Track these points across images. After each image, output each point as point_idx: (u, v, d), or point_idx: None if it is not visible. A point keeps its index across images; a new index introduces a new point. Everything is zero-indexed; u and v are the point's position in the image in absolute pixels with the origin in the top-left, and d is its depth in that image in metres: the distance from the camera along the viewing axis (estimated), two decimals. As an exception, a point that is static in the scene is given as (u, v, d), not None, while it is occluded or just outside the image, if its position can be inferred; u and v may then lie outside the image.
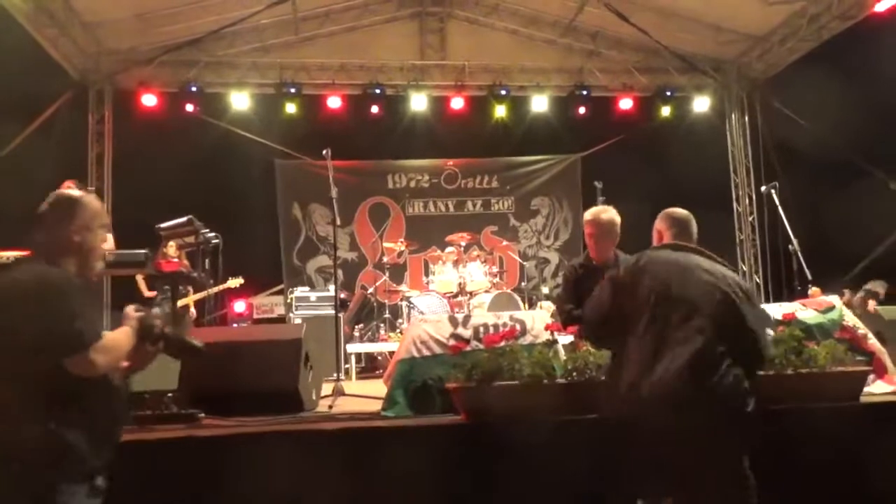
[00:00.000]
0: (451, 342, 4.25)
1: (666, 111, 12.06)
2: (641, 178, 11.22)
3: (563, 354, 4.04)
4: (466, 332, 4.35)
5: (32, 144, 9.38)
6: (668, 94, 12.01)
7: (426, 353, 4.28)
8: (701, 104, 12.32)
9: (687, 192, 11.06)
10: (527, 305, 9.74)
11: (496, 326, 4.36)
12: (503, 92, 11.64)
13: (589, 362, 3.84)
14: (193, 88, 11.00)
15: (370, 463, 3.64)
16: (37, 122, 9.56)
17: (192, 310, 8.89)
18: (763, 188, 6.85)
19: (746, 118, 12.37)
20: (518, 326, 4.31)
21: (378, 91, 11.43)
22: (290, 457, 3.58)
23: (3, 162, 8.91)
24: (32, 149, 9.28)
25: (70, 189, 6.34)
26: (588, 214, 5.12)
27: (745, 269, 12.18)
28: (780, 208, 6.47)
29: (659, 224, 3.69)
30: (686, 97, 12.32)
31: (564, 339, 4.30)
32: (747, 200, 12.35)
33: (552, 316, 5.04)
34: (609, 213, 5.06)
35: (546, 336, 4.23)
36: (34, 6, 8.99)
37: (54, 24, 9.52)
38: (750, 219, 12.27)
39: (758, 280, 12.07)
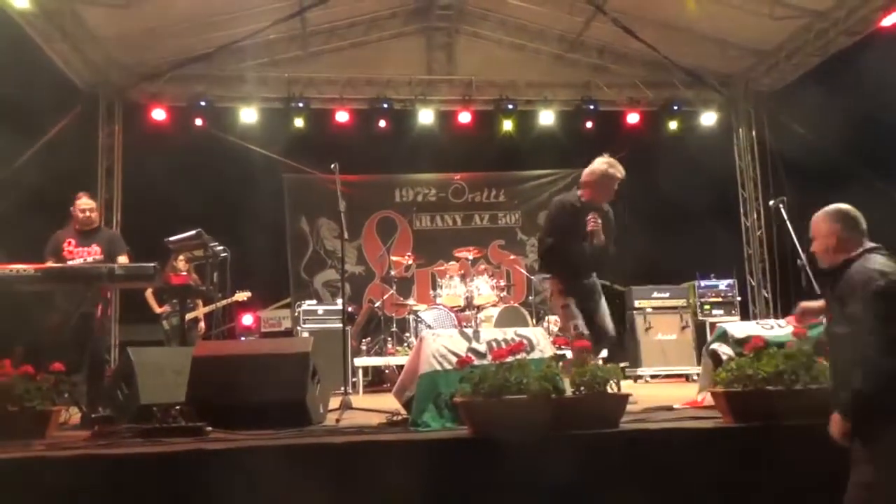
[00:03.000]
0: (467, 356, 4.26)
1: (673, 125, 12.08)
2: (649, 192, 11.24)
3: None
4: (482, 347, 4.38)
5: (43, 158, 9.44)
6: (675, 108, 12.03)
7: (448, 366, 4.31)
8: (708, 118, 12.34)
9: (694, 206, 11.09)
10: (534, 320, 9.74)
11: (505, 341, 4.38)
12: (510, 106, 11.69)
13: (597, 377, 3.84)
14: (202, 103, 11.08)
15: (377, 476, 3.64)
16: (47, 135, 9.63)
17: (202, 323, 8.92)
18: (771, 203, 6.83)
19: (754, 132, 12.37)
20: (525, 342, 4.32)
21: (385, 105, 11.49)
22: (297, 470, 3.58)
23: (13, 175, 8.97)
24: (43, 162, 9.34)
25: (83, 201, 6.40)
26: (618, 170, 5.87)
27: (753, 283, 12.15)
28: (788, 223, 6.44)
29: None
30: (693, 111, 12.33)
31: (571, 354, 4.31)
32: (755, 215, 12.33)
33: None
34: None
35: (553, 352, 4.23)
36: (45, 20, 9.08)
37: (65, 38, 9.60)
38: (758, 233, 12.24)
39: (766, 295, 12.03)
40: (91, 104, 10.83)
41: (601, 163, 5.91)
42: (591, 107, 11.82)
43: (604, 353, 8.87)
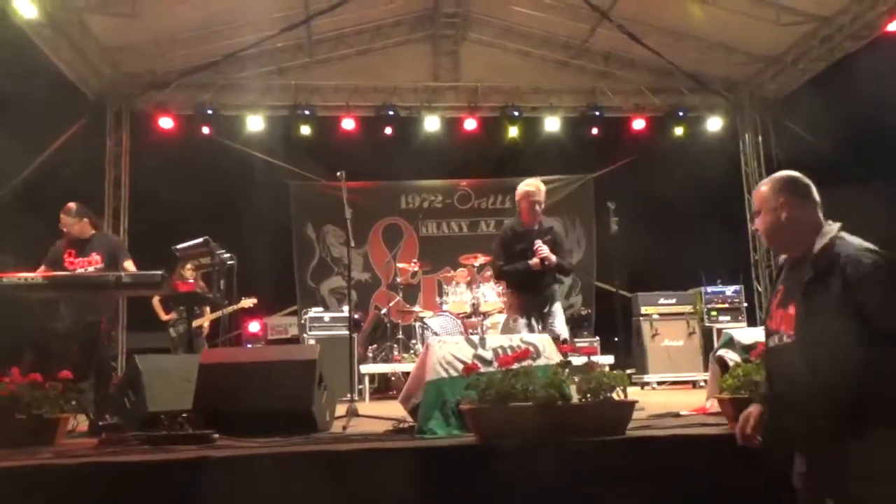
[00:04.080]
0: (473, 364, 4.25)
1: (679, 131, 12.08)
2: (654, 198, 11.25)
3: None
4: (488, 354, 4.37)
5: (51, 167, 9.49)
6: (681, 114, 12.04)
7: (454, 373, 4.30)
8: (714, 124, 12.34)
9: (700, 212, 11.08)
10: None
11: (511, 348, 4.37)
12: (516, 113, 11.72)
13: (603, 383, 3.83)
14: (209, 111, 11.14)
15: (384, 484, 3.63)
16: (55, 144, 9.69)
17: (205, 328, 8.94)
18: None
19: (759, 138, 12.36)
20: (531, 349, 4.31)
21: (391, 112, 11.54)
22: (304, 478, 3.58)
23: (22, 184, 9.02)
24: (51, 171, 9.40)
25: (62, 219, 6.38)
26: (531, 186, 6.10)
27: (760, 289, 12.12)
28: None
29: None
30: (699, 117, 12.34)
31: (578, 360, 4.30)
32: (761, 221, 12.29)
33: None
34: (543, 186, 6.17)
35: (559, 359, 4.23)
36: (52, 30, 9.15)
37: (72, 47, 9.68)
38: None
39: (773, 300, 11.99)
40: (98, 113, 10.90)
41: (520, 185, 6.25)
42: (597, 113, 11.86)
43: (610, 359, 8.90)
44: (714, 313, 10.29)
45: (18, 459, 3.73)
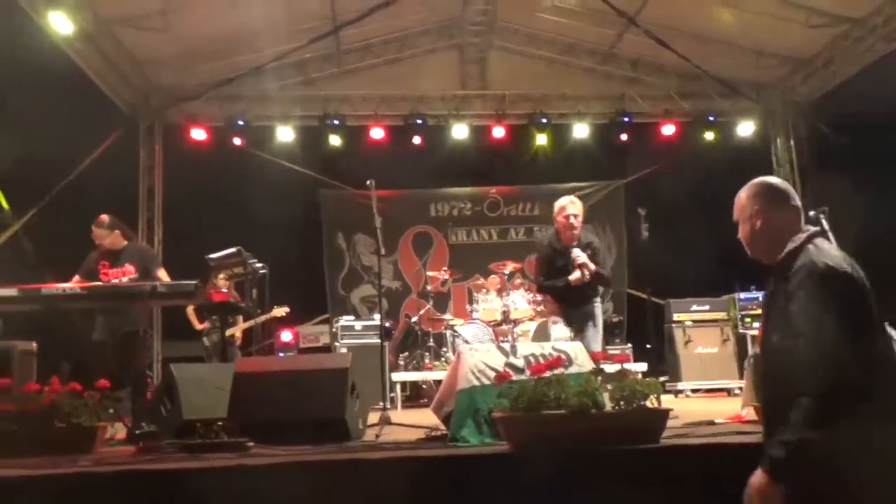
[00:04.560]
0: (505, 371, 4.25)
1: (709, 136, 11.98)
2: (685, 203, 11.15)
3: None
4: (519, 362, 4.36)
5: (85, 179, 9.67)
6: (711, 119, 11.94)
7: (486, 381, 4.30)
8: (745, 129, 12.21)
9: (732, 217, 10.95)
10: (572, 334, 9.67)
11: (542, 356, 4.36)
12: (544, 120, 11.71)
13: (636, 391, 3.80)
14: (240, 122, 11.28)
15: (417, 492, 3.64)
16: (90, 157, 9.87)
17: (238, 337, 9.03)
18: (812, 213, 6.72)
19: (792, 142, 12.21)
20: (563, 356, 4.30)
21: (419, 121, 11.58)
22: (337, 486, 3.60)
23: (58, 197, 9.20)
24: (85, 183, 9.57)
25: (93, 232, 6.50)
26: (565, 201, 6.15)
27: (794, 294, 11.93)
28: (829, 233, 6.35)
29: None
30: (729, 122, 12.22)
31: (610, 368, 4.27)
32: (795, 225, 12.12)
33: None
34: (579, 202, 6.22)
35: (591, 367, 4.20)
36: (87, 45, 9.33)
37: (106, 62, 9.87)
38: (798, 244, 12.04)
39: (808, 306, 11.82)
40: (131, 126, 11.08)
41: (556, 202, 6.29)
42: (626, 119, 11.80)
43: (643, 367, 8.83)
44: (748, 319, 10.15)
45: (59, 467, 3.80)
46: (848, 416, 2.28)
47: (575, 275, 6.00)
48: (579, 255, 5.99)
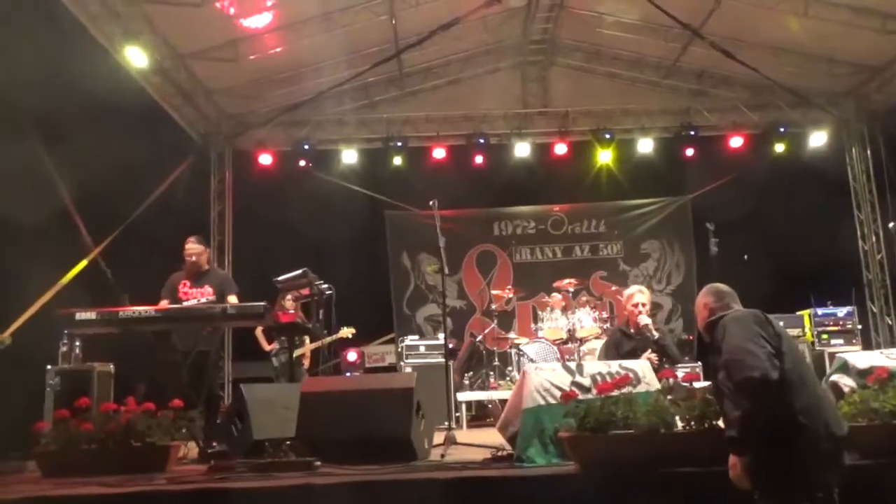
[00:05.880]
0: (571, 391, 4.21)
1: (780, 148, 11.67)
2: (756, 218, 10.87)
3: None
4: (586, 381, 4.32)
5: (160, 206, 9.99)
6: (782, 130, 11.63)
7: (552, 400, 4.27)
8: (817, 139, 11.85)
9: (806, 231, 10.61)
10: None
11: (610, 375, 4.30)
12: (607, 136, 11.61)
13: (707, 411, 3.71)
14: (306, 146, 11.52)
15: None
16: (164, 184, 10.20)
17: (307, 357, 9.17)
18: (891, 225, 6.48)
19: (868, 152, 11.78)
20: (631, 375, 4.23)
21: (482, 140, 11.63)
22: (404, 506, 3.61)
23: (134, 223, 9.52)
24: (160, 210, 9.89)
25: (188, 246, 6.71)
26: (632, 289, 6.49)
27: (874, 310, 11.49)
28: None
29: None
30: (801, 133, 11.87)
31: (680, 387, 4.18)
32: (874, 238, 11.69)
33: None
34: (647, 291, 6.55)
35: (660, 384, 4.12)
36: (162, 77, 9.70)
37: (179, 93, 10.23)
38: (878, 257, 11.60)
39: (889, 322, 11.36)
40: (203, 153, 11.43)
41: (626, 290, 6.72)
42: (692, 132, 11.61)
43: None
44: (825, 336, 9.79)
45: (137, 485, 3.92)
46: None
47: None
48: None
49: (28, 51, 6.76)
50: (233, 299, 6.48)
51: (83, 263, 8.71)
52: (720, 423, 3.69)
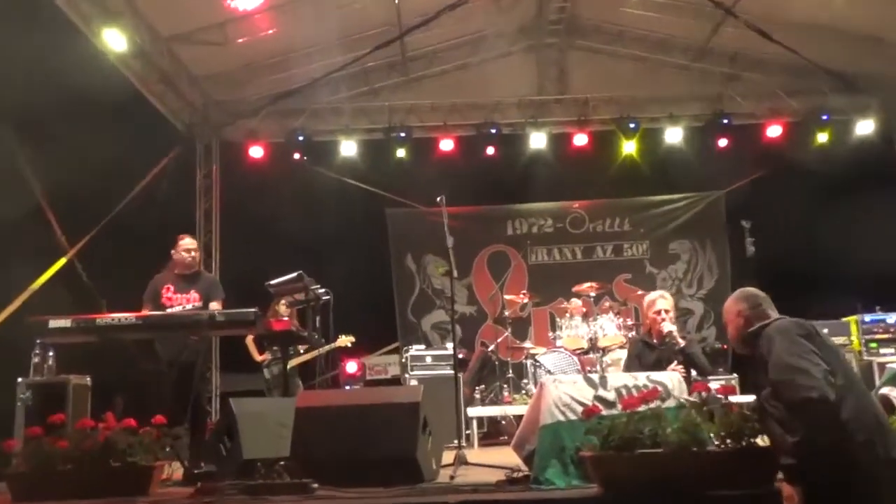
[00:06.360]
0: (594, 405, 4.19)
1: (822, 137, 11.65)
2: (796, 214, 10.80)
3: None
4: (610, 395, 4.30)
5: (141, 202, 10.01)
6: (824, 118, 11.61)
7: (572, 416, 4.26)
8: (864, 128, 11.80)
9: (852, 230, 10.55)
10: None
11: (636, 388, 4.28)
12: (632, 125, 11.58)
13: (744, 427, 3.68)
14: (300, 137, 11.54)
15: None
16: (145, 180, 10.23)
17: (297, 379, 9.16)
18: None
19: (921, 141, 11.73)
20: (660, 388, 4.21)
21: (493, 130, 11.62)
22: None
23: (112, 222, 9.54)
24: (141, 207, 9.91)
25: (186, 241, 6.74)
26: (654, 295, 6.47)
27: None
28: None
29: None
30: (845, 120, 11.83)
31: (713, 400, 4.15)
32: (927, 237, 11.62)
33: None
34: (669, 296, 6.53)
35: (692, 398, 4.10)
36: (143, 63, 9.71)
37: (162, 79, 10.25)
38: (932, 257, 11.52)
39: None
40: (188, 145, 11.45)
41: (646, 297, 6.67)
42: (725, 121, 11.58)
43: (751, 399, 8.57)
44: (874, 345, 9.75)
45: (115, 509, 3.91)
46: None
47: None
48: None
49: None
50: (216, 306, 6.48)
51: (57, 266, 8.74)
52: (759, 440, 3.67)
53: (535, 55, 12.07)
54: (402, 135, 11.57)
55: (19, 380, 5.81)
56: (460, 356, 8.98)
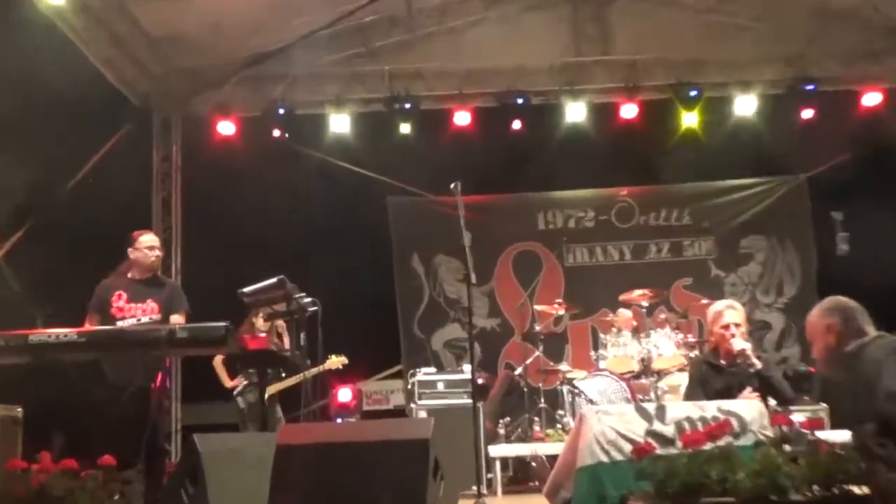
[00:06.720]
0: (646, 443, 4.20)
1: (933, 107, 11.60)
2: (899, 203, 10.75)
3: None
4: (668, 429, 4.30)
5: (85, 191, 10.04)
6: (934, 82, 11.56)
7: (618, 456, 4.27)
8: None
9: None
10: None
11: (701, 421, 4.28)
12: (693, 93, 11.54)
13: (837, 471, 3.66)
14: (280, 111, 11.53)
15: None
16: (89, 164, 10.25)
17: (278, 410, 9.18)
18: None
19: None
20: (733, 421, 4.21)
21: (520, 101, 11.60)
22: None
23: (51, 214, 9.58)
24: (85, 196, 9.93)
25: (148, 237, 6.75)
26: (720, 306, 6.42)
27: None
28: None
29: None
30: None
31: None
32: None
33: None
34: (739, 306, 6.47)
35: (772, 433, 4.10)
36: (88, 19, 9.69)
37: (112, 41, 10.25)
38: None
39: None
40: (143, 120, 11.47)
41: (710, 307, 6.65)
42: (809, 87, 11.51)
43: (846, 435, 8.65)
44: None
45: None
46: None
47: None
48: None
49: None
50: (178, 320, 6.48)
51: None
52: (856, 488, 3.65)
53: (571, 7, 12.03)
54: (407, 106, 11.55)
55: (-66, 412, 5.84)
56: (480, 381, 8.99)
